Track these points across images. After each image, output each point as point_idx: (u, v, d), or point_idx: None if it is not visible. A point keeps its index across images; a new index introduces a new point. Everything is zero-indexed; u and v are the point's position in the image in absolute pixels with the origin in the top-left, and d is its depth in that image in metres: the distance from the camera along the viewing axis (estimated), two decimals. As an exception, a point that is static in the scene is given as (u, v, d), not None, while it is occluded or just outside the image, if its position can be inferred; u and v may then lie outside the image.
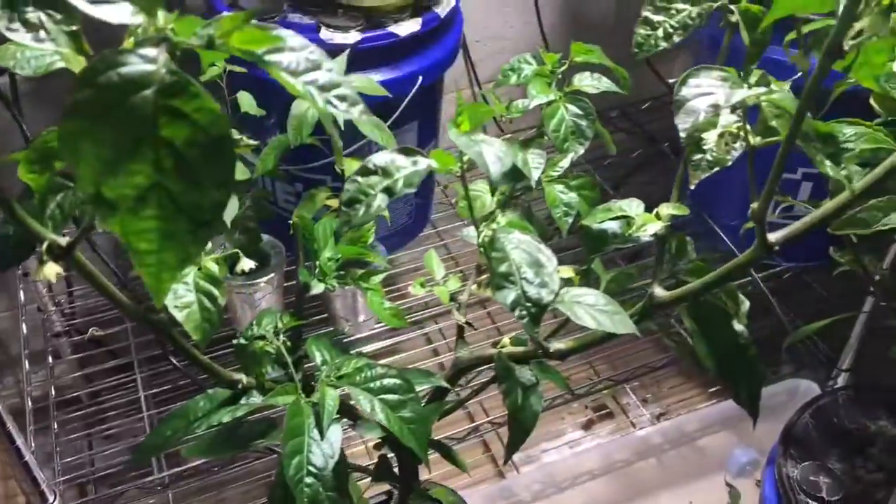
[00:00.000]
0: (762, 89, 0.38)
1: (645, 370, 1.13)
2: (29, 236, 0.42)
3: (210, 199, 0.24)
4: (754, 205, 0.38)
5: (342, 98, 0.26)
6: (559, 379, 0.57)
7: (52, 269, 0.36)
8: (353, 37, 0.92)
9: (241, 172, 0.87)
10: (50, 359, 1.07)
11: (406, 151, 0.40)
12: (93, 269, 0.40)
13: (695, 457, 1.26)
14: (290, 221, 0.92)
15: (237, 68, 0.81)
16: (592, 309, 0.43)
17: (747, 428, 1.30)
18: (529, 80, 0.59)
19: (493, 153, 0.36)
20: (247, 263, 0.51)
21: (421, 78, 0.96)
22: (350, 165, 0.90)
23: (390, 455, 0.62)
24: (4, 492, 1.22)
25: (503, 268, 0.39)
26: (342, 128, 0.84)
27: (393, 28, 0.93)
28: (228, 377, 0.49)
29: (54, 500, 0.83)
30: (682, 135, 0.37)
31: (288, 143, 0.85)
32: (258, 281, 0.97)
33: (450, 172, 0.41)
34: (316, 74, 0.26)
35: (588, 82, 0.58)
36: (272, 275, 0.98)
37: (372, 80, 0.87)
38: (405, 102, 0.94)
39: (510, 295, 0.39)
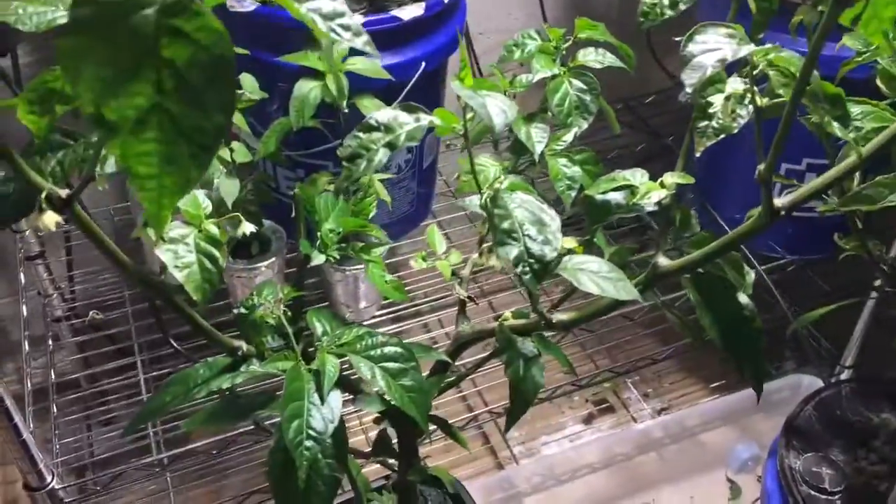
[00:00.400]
0: (769, 45, 0.38)
1: (647, 362, 1.13)
2: (29, 194, 0.42)
3: (212, 122, 0.24)
4: (761, 166, 0.38)
5: (346, 27, 0.26)
6: (560, 354, 0.57)
7: (51, 218, 0.36)
8: (356, 20, 0.92)
9: (242, 155, 0.87)
10: (50, 343, 1.07)
11: (408, 108, 0.39)
12: (92, 224, 0.40)
13: (696, 451, 1.25)
14: (292, 203, 0.93)
15: (240, 50, 0.81)
16: (596, 276, 0.43)
17: (749, 423, 1.30)
18: (533, 54, 0.59)
19: (497, 105, 0.36)
20: (247, 227, 0.51)
21: (424, 63, 0.96)
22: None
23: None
24: (3, 477, 1.22)
25: (506, 224, 0.39)
26: (346, 110, 0.84)
27: (396, 12, 0.93)
28: (229, 344, 0.49)
29: (52, 481, 0.83)
30: (688, 90, 0.36)
31: (290, 125, 0.85)
32: (259, 265, 0.97)
33: (453, 131, 0.41)
34: (320, 3, 0.26)
35: (592, 57, 0.58)
36: (273, 259, 0.98)
37: (376, 63, 0.87)
38: (408, 87, 0.94)
39: (513, 251, 0.39)
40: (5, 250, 1.20)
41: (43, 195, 0.36)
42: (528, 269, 0.38)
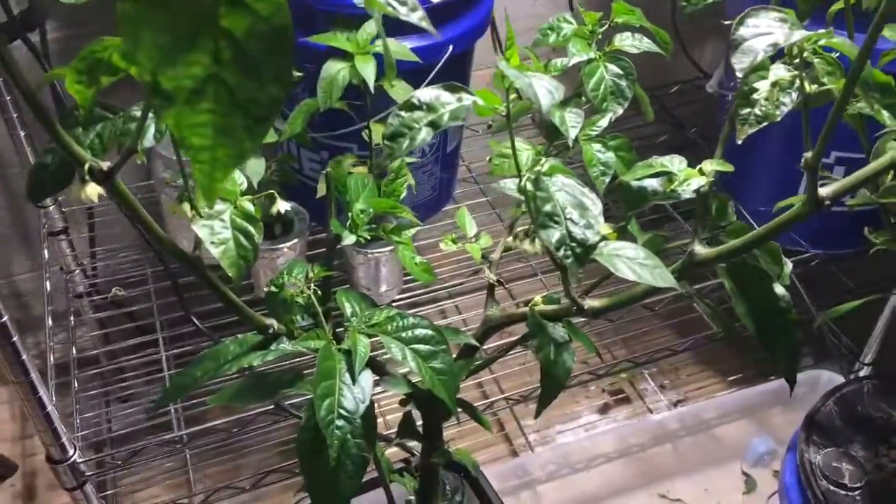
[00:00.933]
0: (822, 30, 0.37)
1: (666, 353, 1.12)
2: (67, 166, 0.42)
3: (268, 93, 0.24)
4: (808, 154, 0.37)
5: (402, 2, 0.26)
6: (587, 341, 0.57)
7: (94, 190, 0.36)
8: None
9: (268, 135, 0.87)
10: (72, 319, 1.07)
11: (451, 88, 0.39)
12: (132, 197, 0.40)
13: (711, 444, 1.25)
14: (315, 187, 0.93)
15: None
16: (632, 262, 0.42)
17: (766, 418, 1.29)
18: (569, 38, 0.58)
19: (544, 86, 0.36)
20: (283, 205, 0.51)
21: (452, 46, 0.95)
22: (378, 130, 0.90)
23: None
24: (22, 450, 1.24)
25: (548, 207, 0.39)
26: (372, 92, 0.84)
27: (426, -6, 0.92)
28: (261, 322, 0.49)
29: (74, 454, 0.83)
30: (739, 74, 0.36)
31: (317, 106, 0.84)
32: (281, 246, 0.97)
33: (495, 112, 0.40)
34: (377, -25, 0.25)
35: (629, 42, 0.57)
36: (295, 241, 0.98)
37: (404, 46, 0.87)
38: (436, 70, 0.93)
39: (555, 234, 0.38)
40: (29, 226, 1.21)
41: (86, 167, 0.35)
42: (569, 252, 0.38)
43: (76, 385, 0.99)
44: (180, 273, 0.99)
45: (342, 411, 0.44)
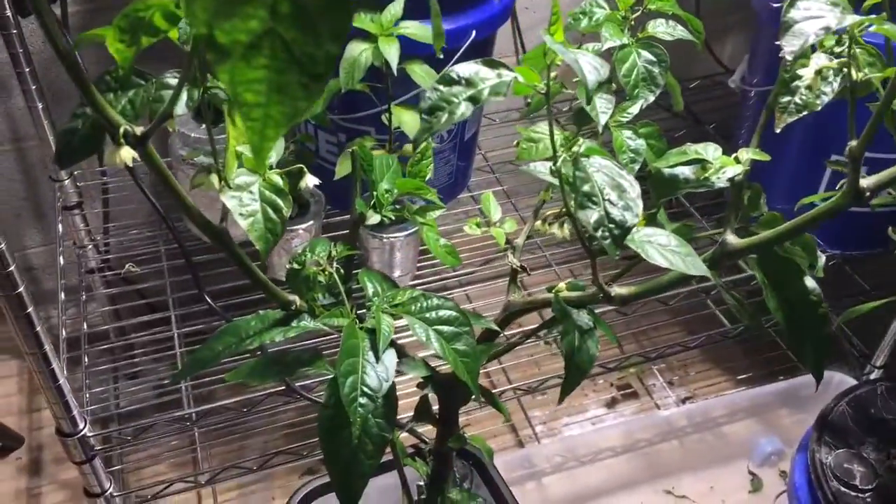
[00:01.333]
0: (874, 16, 0.37)
1: (677, 349, 1.12)
2: (97, 131, 0.41)
3: (325, 50, 0.23)
4: (853, 143, 0.37)
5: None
6: (608, 331, 0.56)
7: (128, 154, 0.35)
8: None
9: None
10: (83, 294, 1.07)
11: (490, 63, 0.38)
12: (162, 164, 0.39)
13: (718, 442, 1.24)
14: (332, 170, 0.92)
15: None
16: (664, 249, 0.42)
17: (774, 418, 1.29)
18: (602, 23, 0.57)
19: (589, 62, 0.35)
20: (311, 180, 0.50)
21: (474, 32, 0.94)
22: (399, 114, 0.89)
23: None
24: (30, 423, 1.24)
25: (586, 188, 0.38)
26: (395, 74, 0.83)
27: (451, -22, 0.92)
28: (284, 297, 0.49)
29: (84, 428, 0.83)
30: (788, 57, 0.35)
31: (338, 87, 0.84)
32: (297, 227, 0.97)
33: (534, 89, 0.40)
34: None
35: (663, 29, 0.57)
36: (311, 222, 0.98)
37: (427, 29, 0.86)
38: (458, 55, 0.92)
39: (593, 215, 0.38)
40: (43, 200, 1.20)
41: (122, 130, 0.35)
42: (607, 234, 0.38)
43: (86, 360, 0.99)
44: (194, 251, 0.99)
45: (365, 389, 0.44)
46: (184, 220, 1.08)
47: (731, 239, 0.44)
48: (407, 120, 0.88)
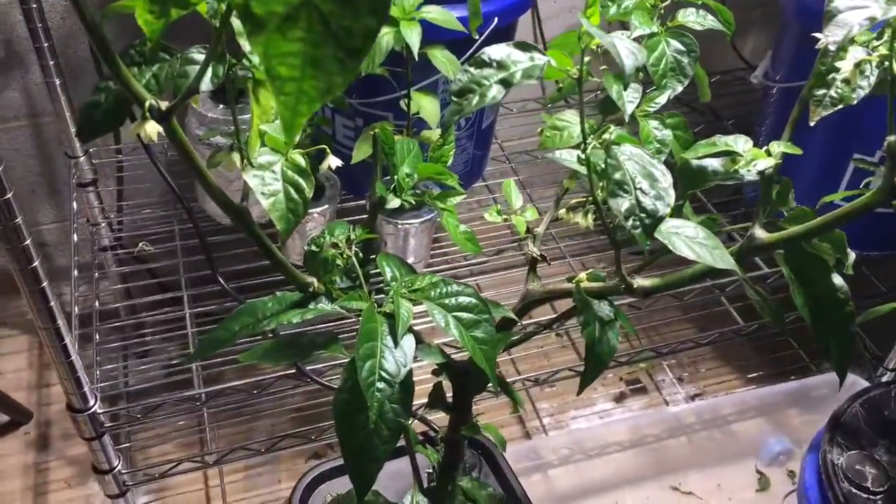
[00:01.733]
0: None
1: (689, 345, 1.11)
2: (121, 105, 0.41)
3: (363, 25, 0.22)
4: (892, 137, 0.36)
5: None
6: (626, 321, 0.55)
7: (153, 128, 0.35)
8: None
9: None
10: (95, 272, 1.07)
11: (522, 46, 0.38)
12: (185, 139, 0.39)
13: (727, 440, 1.24)
14: (348, 155, 0.91)
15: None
16: (692, 241, 0.41)
17: (783, 418, 1.28)
18: (631, 11, 0.56)
19: (626, 46, 0.34)
20: (333, 161, 0.50)
21: (497, 19, 0.93)
22: (419, 99, 0.89)
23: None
24: (38, 399, 1.24)
25: (618, 175, 0.37)
26: (416, 59, 0.82)
27: (475, -36, 0.90)
28: (302, 279, 0.48)
29: (94, 404, 0.83)
30: (832, 47, 0.34)
31: (358, 70, 0.83)
32: (312, 211, 0.96)
33: (566, 74, 0.39)
34: None
35: (693, 18, 0.56)
36: (326, 206, 0.97)
37: (450, 14, 0.85)
38: (479, 41, 0.91)
39: (624, 203, 0.37)
40: (58, 176, 1.20)
41: (147, 104, 0.34)
42: (638, 223, 0.37)
43: (97, 337, 0.99)
44: (208, 232, 0.99)
45: (383, 374, 0.43)
46: (198, 201, 1.08)
47: (760, 233, 0.43)
48: (426, 105, 0.87)
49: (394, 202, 0.54)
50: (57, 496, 1.12)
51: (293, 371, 0.92)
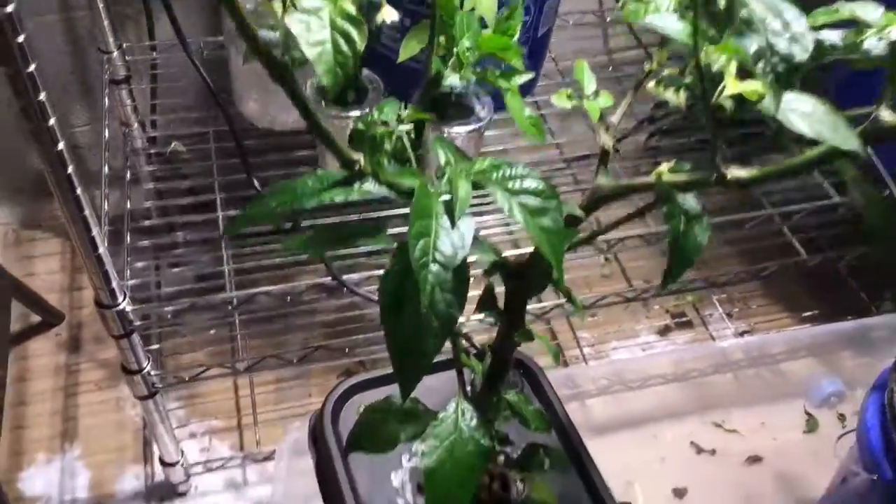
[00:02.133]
0: None
1: (741, 277, 1.05)
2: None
3: None
4: None
5: None
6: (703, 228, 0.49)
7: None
8: None
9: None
10: (128, 173, 1.03)
11: None
12: None
13: (775, 379, 1.18)
14: (392, 58, 0.85)
15: None
16: (810, 117, 0.35)
17: (836, 359, 1.21)
18: None
19: None
20: (389, 13, 0.44)
21: None
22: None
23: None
24: (70, 302, 1.23)
25: (743, 13, 0.31)
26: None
27: None
28: (348, 154, 0.43)
29: (123, 301, 0.80)
30: None
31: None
32: (352, 114, 0.91)
33: None
34: None
35: None
36: (367, 110, 0.91)
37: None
38: None
39: (753, 44, 0.31)
40: (90, 73, 1.16)
41: None
42: (769, 69, 0.31)
43: (128, 239, 0.96)
44: (244, 136, 0.94)
45: (437, 256, 0.38)
46: (235, 103, 1.03)
47: (887, 115, 0.37)
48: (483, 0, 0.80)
49: (452, 78, 0.48)
50: (87, 398, 1.11)
51: (328, 279, 0.88)
